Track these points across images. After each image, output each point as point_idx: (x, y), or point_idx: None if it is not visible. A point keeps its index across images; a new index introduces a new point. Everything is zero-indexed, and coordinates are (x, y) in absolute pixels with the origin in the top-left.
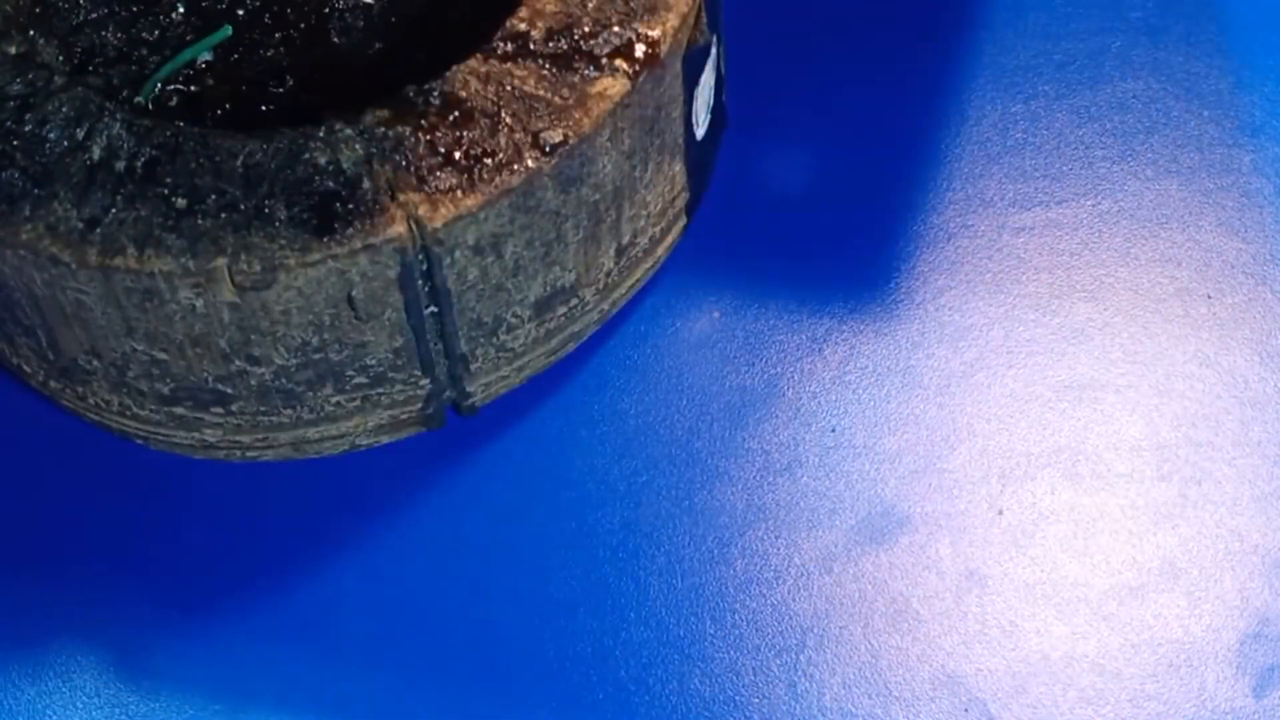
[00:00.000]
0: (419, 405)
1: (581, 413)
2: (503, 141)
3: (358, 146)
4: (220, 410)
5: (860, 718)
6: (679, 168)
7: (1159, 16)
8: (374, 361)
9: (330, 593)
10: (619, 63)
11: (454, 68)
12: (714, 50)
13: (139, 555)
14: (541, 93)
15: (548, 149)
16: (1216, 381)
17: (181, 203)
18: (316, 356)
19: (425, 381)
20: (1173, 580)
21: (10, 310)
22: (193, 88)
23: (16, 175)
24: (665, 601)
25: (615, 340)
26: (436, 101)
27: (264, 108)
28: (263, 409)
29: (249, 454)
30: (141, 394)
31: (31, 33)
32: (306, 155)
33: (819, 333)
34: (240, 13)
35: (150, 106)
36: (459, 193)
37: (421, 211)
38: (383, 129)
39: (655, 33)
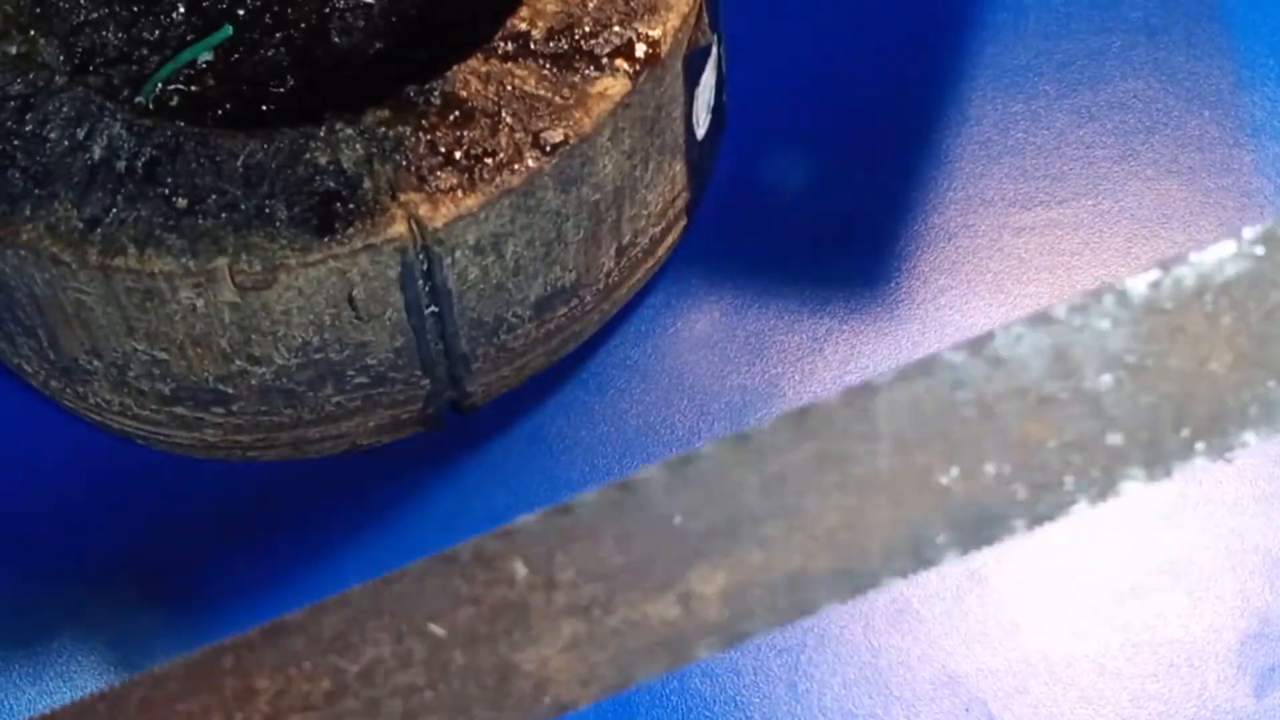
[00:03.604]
0: (419, 405)
1: (581, 413)
2: (503, 141)
3: (358, 146)
4: (221, 410)
5: (861, 718)
6: (680, 168)
7: (1159, 16)
8: (374, 361)
9: (330, 593)
10: (620, 62)
11: (454, 67)
12: (715, 50)
13: (139, 555)
14: (542, 92)
15: (548, 149)
16: None
17: (182, 203)
18: (317, 356)
19: (425, 381)
20: (1173, 580)
21: (11, 310)
22: (193, 88)
23: (17, 175)
24: None
25: (615, 340)
26: (437, 101)
27: (264, 108)
28: (263, 409)
29: (249, 454)
30: (142, 394)
31: (32, 33)
32: (307, 155)
33: (819, 333)
34: (240, 13)
35: (150, 106)
36: (459, 192)
37: (422, 211)
38: (383, 129)
39: (656, 32)
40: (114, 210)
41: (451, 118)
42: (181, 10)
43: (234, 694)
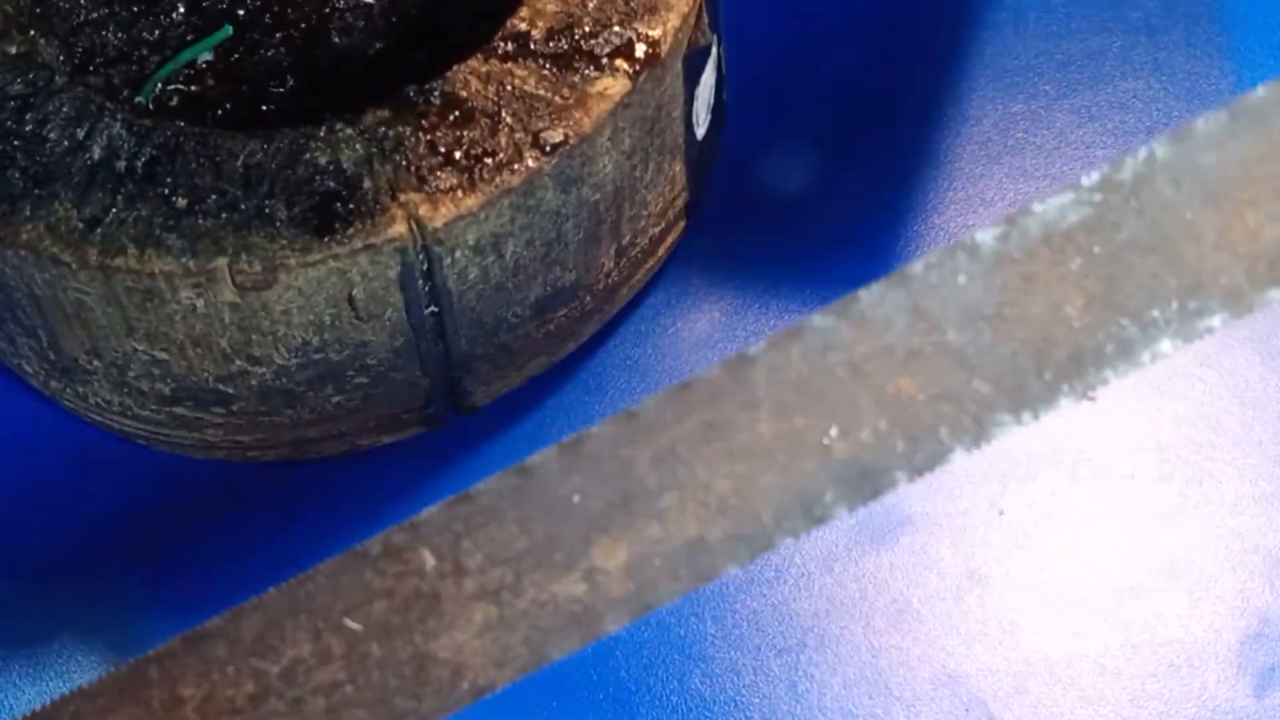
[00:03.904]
0: (419, 405)
1: (581, 413)
2: (503, 141)
3: (358, 146)
4: (221, 410)
5: (861, 718)
6: (679, 168)
7: (1159, 16)
8: (374, 361)
9: None
10: (619, 62)
11: (454, 67)
12: (715, 50)
13: (139, 555)
14: (542, 92)
15: (548, 149)
16: (1217, 381)
17: (182, 203)
18: (317, 356)
19: (426, 381)
20: (1173, 580)
21: (11, 310)
22: (193, 88)
23: (17, 175)
24: None
25: (615, 340)
26: (437, 101)
27: (264, 108)
28: (263, 409)
29: (250, 454)
30: (142, 394)
31: (32, 32)
32: (307, 155)
33: None
34: (240, 13)
35: (150, 106)
36: (459, 192)
37: (422, 211)
38: (383, 129)
39: (656, 32)
40: (114, 210)
41: (451, 118)
42: (181, 10)
43: (161, 704)
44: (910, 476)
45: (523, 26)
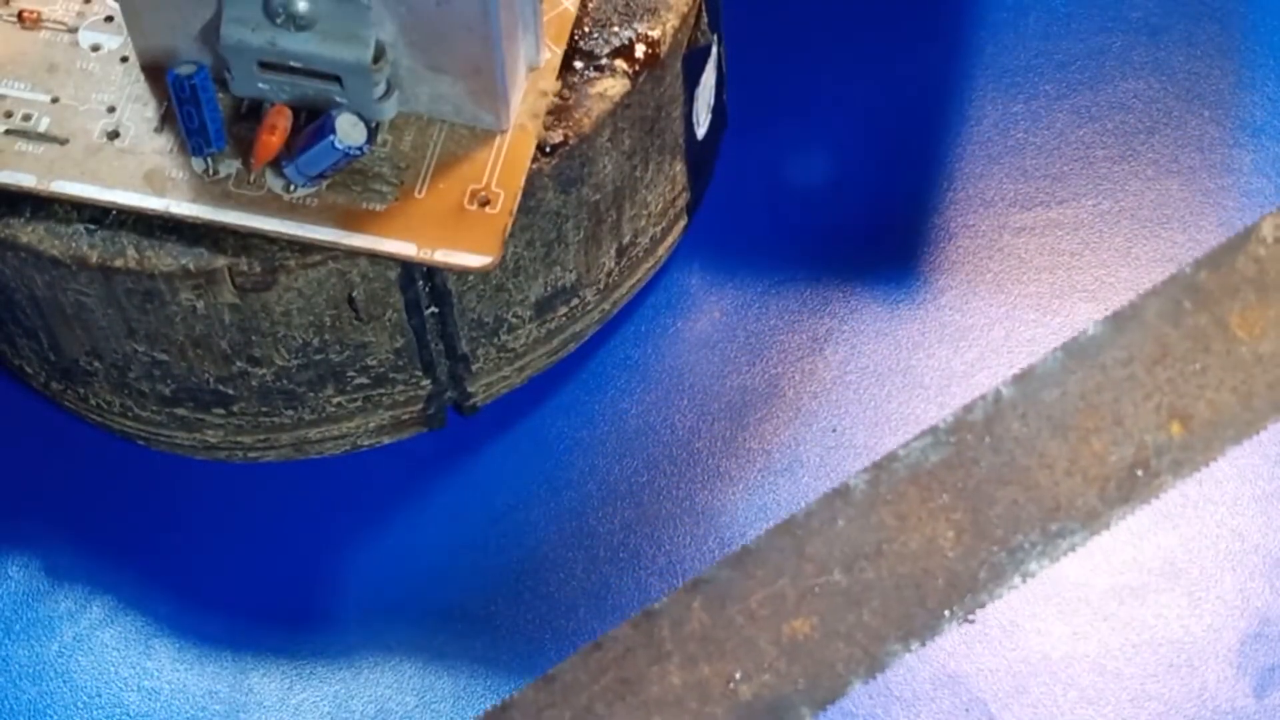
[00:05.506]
0: (420, 405)
1: (581, 413)
2: None
3: None
4: (221, 411)
5: (860, 717)
6: (680, 168)
7: (1159, 16)
8: (375, 362)
9: (330, 593)
10: (619, 63)
11: None
12: (714, 50)
13: (139, 555)
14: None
15: (547, 149)
16: None
17: None
18: (317, 357)
19: (426, 382)
20: (1173, 580)
21: (11, 311)
22: None
23: None
24: None
25: (615, 340)
26: None
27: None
28: (264, 410)
29: (250, 455)
30: (143, 395)
31: None
32: None
33: (819, 333)
34: None
35: None
36: None
37: None
38: None
39: (655, 33)
40: (113, 211)
41: None
42: None
43: None
44: (814, 711)
45: None
